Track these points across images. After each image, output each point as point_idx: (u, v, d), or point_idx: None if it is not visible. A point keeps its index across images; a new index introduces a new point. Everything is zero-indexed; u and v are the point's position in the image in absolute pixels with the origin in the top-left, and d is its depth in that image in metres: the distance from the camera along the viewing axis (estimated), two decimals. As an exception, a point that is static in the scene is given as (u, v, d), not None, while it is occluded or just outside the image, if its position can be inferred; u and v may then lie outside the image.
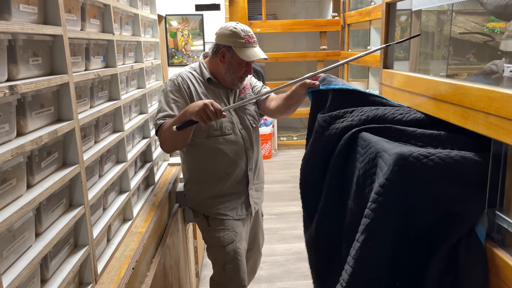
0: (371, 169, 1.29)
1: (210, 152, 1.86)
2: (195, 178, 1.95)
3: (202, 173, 1.92)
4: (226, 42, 1.80)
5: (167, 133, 1.69)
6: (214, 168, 1.89)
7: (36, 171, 0.96)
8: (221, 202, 1.92)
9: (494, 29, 2.28)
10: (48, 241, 0.95)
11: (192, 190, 1.97)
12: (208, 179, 1.92)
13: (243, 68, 1.84)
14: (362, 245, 1.17)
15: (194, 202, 1.98)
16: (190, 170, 1.95)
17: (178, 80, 1.82)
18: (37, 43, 0.99)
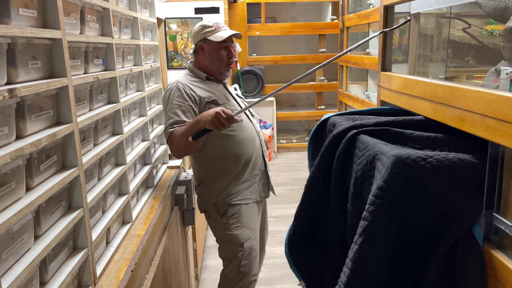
0: (369, 171, 1.29)
1: (231, 140, 1.94)
2: (217, 173, 1.97)
3: (225, 164, 1.96)
4: (200, 37, 1.95)
5: (180, 141, 1.76)
6: (238, 156, 1.96)
7: (35, 173, 0.97)
8: (246, 188, 1.99)
9: (493, 32, 2.29)
10: (47, 243, 0.96)
11: (214, 186, 1.98)
12: (232, 169, 1.96)
13: (223, 52, 1.96)
14: (360, 247, 1.18)
15: (216, 197, 1.98)
16: (210, 166, 1.98)
17: (179, 86, 1.88)
18: (36, 46, 0.99)
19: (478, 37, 2.37)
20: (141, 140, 1.93)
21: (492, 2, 1.71)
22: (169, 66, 4.64)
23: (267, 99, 5.29)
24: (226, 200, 1.97)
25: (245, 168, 1.98)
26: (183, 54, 4.68)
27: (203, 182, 2.01)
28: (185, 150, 1.84)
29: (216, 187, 1.98)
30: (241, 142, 1.96)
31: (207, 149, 1.94)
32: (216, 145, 1.93)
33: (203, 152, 1.95)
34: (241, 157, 1.96)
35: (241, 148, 1.96)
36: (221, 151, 1.95)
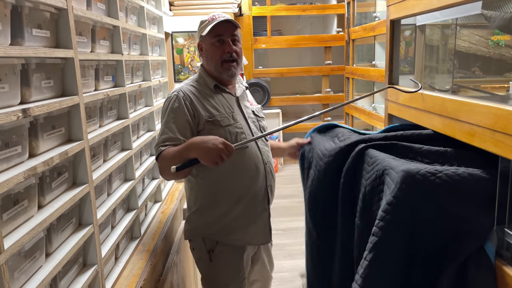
0: (378, 186, 1.29)
1: (228, 169, 1.57)
2: (208, 203, 1.64)
3: (218, 195, 1.63)
4: (198, 37, 1.66)
5: (165, 164, 1.46)
6: (233, 187, 1.61)
7: (47, 191, 0.98)
8: (238, 228, 1.64)
9: (499, 42, 2.28)
10: (58, 261, 0.96)
11: (205, 217, 1.65)
12: (225, 201, 1.62)
13: (218, 48, 1.59)
14: (370, 264, 1.17)
15: (206, 231, 1.65)
16: (201, 194, 1.65)
17: (179, 96, 1.56)
18: (49, 66, 1.01)
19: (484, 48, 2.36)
20: (149, 155, 1.94)
21: (498, 13, 1.71)
22: (176, 79, 4.67)
23: (273, 111, 5.30)
24: (214, 237, 1.64)
25: (238, 205, 1.62)
26: (190, 67, 4.72)
27: (193, 209, 1.68)
28: (172, 176, 1.51)
29: (206, 218, 1.65)
30: (238, 173, 1.60)
31: (199, 174, 1.62)
32: (208, 172, 1.59)
33: (195, 176, 1.63)
34: (234, 192, 1.61)
35: (236, 181, 1.61)
36: (213, 180, 1.61)
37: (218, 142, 1.38)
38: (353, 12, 4.60)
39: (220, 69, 1.60)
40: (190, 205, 1.71)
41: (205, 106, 1.57)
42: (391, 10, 1.88)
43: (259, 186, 1.66)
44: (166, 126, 1.54)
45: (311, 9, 5.54)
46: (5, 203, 0.82)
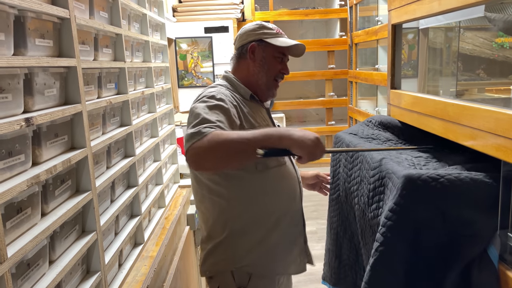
0: (379, 187, 1.30)
1: (264, 189, 1.42)
2: (243, 227, 1.42)
3: (255, 217, 1.42)
4: (254, 36, 1.47)
5: (229, 146, 1.16)
6: (272, 207, 1.44)
7: (50, 199, 0.99)
8: (276, 257, 1.46)
9: (503, 44, 2.28)
10: (61, 268, 0.97)
11: (235, 246, 1.43)
12: (263, 224, 1.43)
13: (278, 64, 1.49)
14: (372, 269, 1.17)
15: (236, 262, 1.43)
16: (234, 217, 1.42)
17: (221, 90, 1.39)
18: (52, 75, 1.02)
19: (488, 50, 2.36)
20: (152, 161, 1.95)
21: (502, 15, 1.71)
22: (180, 84, 4.70)
23: (277, 115, 5.31)
24: (247, 269, 1.42)
25: (277, 229, 1.44)
26: (193, 72, 4.74)
27: (219, 237, 1.43)
28: (219, 158, 1.18)
29: (240, 247, 1.42)
30: (278, 192, 1.45)
31: (232, 193, 1.40)
32: (244, 190, 1.40)
33: (227, 196, 1.40)
34: (273, 213, 1.44)
35: (275, 201, 1.44)
36: (250, 199, 1.41)
37: (314, 137, 1.20)
38: (355, 16, 4.61)
39: (271, 84, 1.50)
40: (213, 233, 1.45)
41: (245, 113, 1.42)
42: (392, 15, 1.88)
43: (296, 207, 1.52)
44: (209, 111, 1.27)
45: (313, 14, 5.55)
46: (9, 211, 0.83)
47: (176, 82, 4.62)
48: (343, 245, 1.64)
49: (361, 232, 1.44)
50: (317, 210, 4.19)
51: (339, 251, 1.64)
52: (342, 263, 1.62)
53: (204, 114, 1.24)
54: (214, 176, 1.38)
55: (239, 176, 1.38)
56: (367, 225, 1.36)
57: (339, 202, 1.71)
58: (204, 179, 1.40)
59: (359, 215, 1.44)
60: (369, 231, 1.35)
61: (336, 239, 1.65)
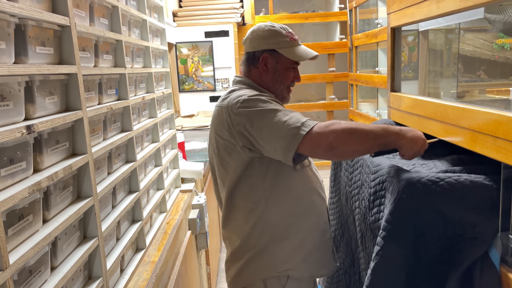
0: (380, 191, 1.30)
1: (302, 188, 1.41)
2: (277, 233, 1.38)
3: (290, 220, 1.39)
4: (267, 45, 1.42)
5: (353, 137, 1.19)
6: (307, 210, 1.42)
7: (52, 205, 0.99)
8: (316, 257, 1.45)
9: (504, 45, 2.28)
10: (63, 274, 0.97)
11: (278, 252, 1.39)
12: (298, 228, 1.40)
13: (290, 74, 1.47)
14: (373, 272, 1.17)
15: (273, 269, 1.39)
16: (266, 223, 1.38)
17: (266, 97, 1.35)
18: (53, 82, 1.03)
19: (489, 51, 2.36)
20: (154, 166, 1.95)
21: (502, 16, 1.71)
22: (181, 89, 4.71)
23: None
24: (288, 273, 1.40)
25: (314, 230, 1.43)
26: (194, 77, 4.76)
27: (255, 248, 1.38)
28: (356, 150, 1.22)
29: (279, 253, 1.39)
30: (312, 191, 1.43)
31: (270, 193, 1.36)
32: (290, 186, 1.37)
33: (262, 198, 1.36)
34: (310, 213, 1.42)
35: (311, 200, 1.43)
36: (291, 200, 1.38)
37: (422, 138, 1.23)
38: (355, 19, 4.63)
39: (285, 93, 1.49)
40: (249, 243, 1.40)
41: None
42: (391, 18, 1.89)
43: (325, 207, 1.51)
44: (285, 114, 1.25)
45: (313, 17, 5.57)
46: (10, 218, 0.84)
47: (177, 86, 4.63)
48: (339, 249, 1.64)
49: (361, 236, 1.44)
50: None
51: None
52: (337, 267, 1.63)
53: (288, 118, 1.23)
54: (252, 182, 1.35)
55: (276, 178, 1.35)
56: (368, 229, 1.36)
57: (339, 206, 1.71)
58: (242, 186, 1.36)
59: (359, 219, 1.44)
60: (370, 235, 1.35)
61: (333, 242, 1.65)
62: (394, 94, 1.87)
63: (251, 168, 1.35)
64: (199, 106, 4.56)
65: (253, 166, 1.35)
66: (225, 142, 1.36)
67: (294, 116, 1.23)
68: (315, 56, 1.49)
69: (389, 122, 1.83)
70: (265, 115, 1.25)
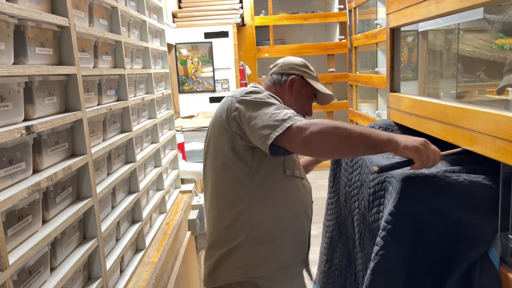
0: (380, 191, 1.30)
1: (287, 197, 1.40)
2: (256, 234, 1.36)
3: (271, 225, 1.38)
4: (297, 71, 1.54)
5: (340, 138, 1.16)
6: (288, 220, 1.40)
7: (51, 206, 0.99)
8: (288, 270, 1.44)
9: (504, 46, 2.28)
10: (63, 275, 0.97)
11: (246, 254, 1.36)
12: (277, 236, 1.38)
13: (309, 103, 1.58)
14: (373, 273, 1.17)
15: (256, 271, 1.36)
16: (246, 221, 1.35)
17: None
18: (52, 83, 1.03)
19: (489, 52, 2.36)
20: (153, 166, 1.95)
21: (501, 17, 1.72)
22: (180, 90, 4.71)
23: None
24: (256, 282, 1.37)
25: (291, 242, 1.42)
26: (194, 78, 4.76)
27: (230, 244, 1.37)
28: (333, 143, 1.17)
29: (252, 257, 1.36)
30: (298, 203, 1.43)
31: (255, 192, 1.35)
32: (268, 191, 1.37)
33: (248, 195, 1.34)
34: (290, 224, 1.41)
35: (294, 212, 1.42)
36: (271, 203, 1.37)
37: (434, 148, 1.15)
38: (355, 20, 4.63)
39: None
40: (226, 238, 1.38)
41: None
42: (390, 18, 1.89)
43: (308, 225, 1.49)
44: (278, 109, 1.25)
45: (313, 18, 5.58)
46: (10, 219, 0.84)
47: (177, 87, 4.64)
48: (336, 249, 1.64)
49: (360, 237, 1.44)
50: (318, 214, 4.18)
51: (331, 255, 1.64)
52: (332, 268, 1.62)
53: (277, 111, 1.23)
54: (239, 175, 1.34)
55: (264, 178, 1.34)
56: (367, 229, 1.36)
57: (338, 206, 1.71)
58: (228, 177, 1.35)
59: (358, 219, 1.44)
60: (369, 235, 1.35)
61: (330, 242, 1.64)
62: (394, 95, 1.87)
63: (240, 161, 1.33)
64: (199, 107, 4.56)
65: (244, 159, 1.33)
66: (220, 127, 1.35)
67: (288, 112, 1.22)
68: (330, 96, 1.62)
69: (389, 123, 1.83)
70: (260, 106, 1.27)
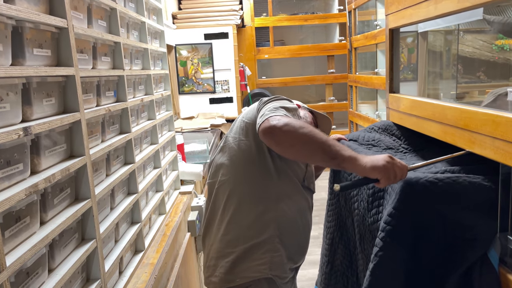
0: (379, 192, 1.30)
1: (304, 205, 1.42)
2: (284, 234, 1.34)
3: (293, 230, 1.37)
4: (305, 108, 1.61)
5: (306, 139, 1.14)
6: (301, 228, 1.41)
7: (49, 207, 0.99)
8: (291, 278, 1.44)
9: (504, 46, 2.28)
10: (61, 276, 0.97)
11: (273, 250, 1.32)
12: (295, 241, 1.39)
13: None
14: (372, 274, 1.17)
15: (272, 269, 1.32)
16: (273, 216, 1.32)
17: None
18: (50, 84, 1.03)
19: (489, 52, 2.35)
20: (153, 168, 1.95)
21: (501, 17, 1.71)
22: (180, 91, 4.71)
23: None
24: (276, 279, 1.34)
25: (300, 250, 1.43)
26: (194, 79, 4.76)
27: (253, 240, 1.31)
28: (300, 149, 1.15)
29: (279, 253, 1.33)
30: (309, 214, 1.46)
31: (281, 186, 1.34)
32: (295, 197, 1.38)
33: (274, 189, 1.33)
34: (303, 233, 1.43)
35: (307, 223, 1.44)
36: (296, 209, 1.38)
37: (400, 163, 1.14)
38: (354, 21, 4.63)
39: None
40: (248, 234, 1.31)
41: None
42: (389, 19, 1.89)
43: (308, 235, 1.48)
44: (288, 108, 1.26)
45: (313, 19, 5.58)
46: (7, 220, 0.84)
47: (177, 88, 4.64)
48: (337, 250, 1.64)
49: (360, 238, 1.44)
50: (319, 215, 4.17)
51: (332, 256, 1.63)
52: (334, 269, 1.62)
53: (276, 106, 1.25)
54: (268, 172, 1.31)
55: (290, 180, 1.36)
56: (367, 230, 1.36)
57: (338, 207, 1.70)
58: (256, 173, 1.31)
59: (358, 220, 1.44)
60: (369, 236, 1.35)
61: (331, 244, 1.64)
62: (393, 95, 1.87)
63: (269, 158, 1.32)
64: (199, 108, 4.56)
65: (272, 156, 1.33)
66: (246, 124, 1.36)
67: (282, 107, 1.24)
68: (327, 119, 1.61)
69: (388, 124, 1.83)
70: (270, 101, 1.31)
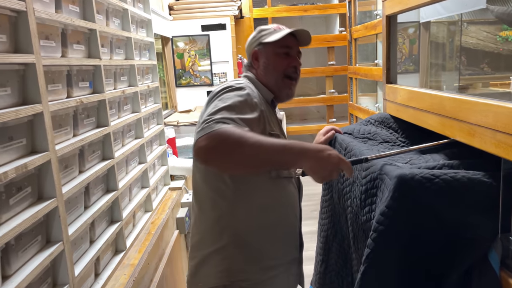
0: (372, 189, 1.21)
1: (272, 199, 1.31)
2: (238, 237, 1.27)
3: (254, 228, 1.29)
4: (254, 43, 1.39)
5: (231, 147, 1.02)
6: (274, 222, 1.32)
7: (3, 209, 0.90)
8: (274, 274, 1.33)
9: (508, 38, 2.21)
10: (16, 284, 0.88)
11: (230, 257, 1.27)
12: (261, 239, 1.30)
13: (283, 59, 1.35)
14: (363, 276, 1.08)
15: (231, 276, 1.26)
16: (228, 223, 1.26)
17: (248, 91, 1.23)
18: (5, 72, 0.94)
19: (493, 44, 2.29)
20: (137, 163, 1.86)
21: (505, 7, 1.63)
22: (178, 84, 4.62)
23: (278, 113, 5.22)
24: (241, 284, 1.27)
25: (276, 244, 1.32)
26: (191, 71, 4.66)
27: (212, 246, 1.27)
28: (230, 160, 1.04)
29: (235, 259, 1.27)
30: (288, 206, 1.36)
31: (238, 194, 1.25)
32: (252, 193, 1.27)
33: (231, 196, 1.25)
34: (277, 227, 1.32)
35: (281, 213, 1.33)
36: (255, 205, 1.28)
37: (335, 155, 1.08)
38: (354, 11, 4.51)
39: (281, 84, 1.36)
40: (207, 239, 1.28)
41: (268, 117, 1.30)
42: (386, 6, 1.79)
43: (297, 225, 1.41)
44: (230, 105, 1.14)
45: (312, 10, 5.45)
46: None
47: (174, 81, 4.55)
48: (331, 249, 1.56)
49: (354, 237, 1.35)
50: (317, 209, 4.10)
51: (326, 255, 1.55)
52: (329, 269, 1.54)
53: (223, 104, 1.13)
54: (222, 175, 1.24)
55: (248, 179, 1.25)
56: (360, 229, 1.27)
57: (332, 204, 1.62)
58: (211, 177, 1.25)
59: (351, 218, 1.35)
60: (362, 236, 1.26)
61: (325, 242, 1.56)
62: (390, 86, 1.77)
63: None
64: (196, 101, 4.47)
65: None
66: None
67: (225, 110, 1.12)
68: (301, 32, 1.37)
69: (385, 116, 1.73)
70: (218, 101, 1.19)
